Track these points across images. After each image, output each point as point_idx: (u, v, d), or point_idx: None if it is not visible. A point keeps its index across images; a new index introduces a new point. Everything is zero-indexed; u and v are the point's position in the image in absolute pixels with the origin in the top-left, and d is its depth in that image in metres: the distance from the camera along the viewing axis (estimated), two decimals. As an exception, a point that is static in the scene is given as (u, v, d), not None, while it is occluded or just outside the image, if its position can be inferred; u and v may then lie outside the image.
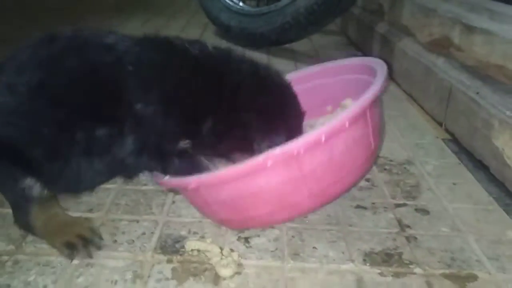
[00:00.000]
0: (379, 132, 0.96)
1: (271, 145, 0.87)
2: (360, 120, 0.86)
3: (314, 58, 2.22)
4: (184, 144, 0.88)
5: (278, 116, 0.91)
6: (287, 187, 0.82)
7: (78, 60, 0.86)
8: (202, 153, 0.92)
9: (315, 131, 0.80)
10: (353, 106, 0.84)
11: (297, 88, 0.99)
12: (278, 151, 0.78)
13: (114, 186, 1.07)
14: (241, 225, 0.91)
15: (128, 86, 0.84)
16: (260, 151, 0.87)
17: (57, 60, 0.86)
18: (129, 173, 0.98)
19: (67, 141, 0.85)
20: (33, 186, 0.85)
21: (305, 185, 0.82)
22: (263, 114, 0.89)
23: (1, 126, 0.84)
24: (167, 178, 0.89)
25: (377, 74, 0.95)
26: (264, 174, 0.80)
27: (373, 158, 0.97)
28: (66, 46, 0.88)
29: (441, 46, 1.54)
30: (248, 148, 0.89)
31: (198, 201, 0.91)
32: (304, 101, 0.99)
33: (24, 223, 0.88)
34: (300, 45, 2.32)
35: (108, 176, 0.97)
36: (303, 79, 1.17)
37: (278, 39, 2.15)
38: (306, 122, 1.09)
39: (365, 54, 2.32)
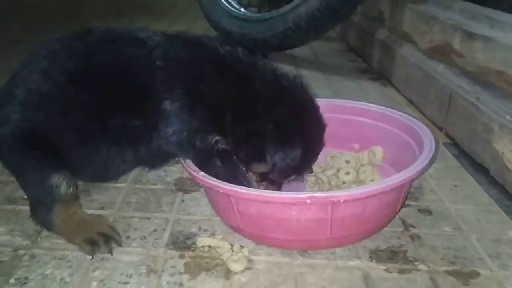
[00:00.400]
0: (406, 196, 0.99)
1: (285, 158, 0.90)
2: (398, 189, 0.89)
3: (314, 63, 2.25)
4: (215, 140, 0.90)
5: (295, 129, 0.92)
6: (312, 224, 0.84)
7: (112, 52, 0.90)
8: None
9: (362, 188, 0.85)
10: (399, 178, 0.86)
11: (332, 116, 1.03)
12: (322, 196, 0.80)
13: (124, 185, 1.10)
14: (254, 238, 0.92)
15: (156, 81, 0.88)
16: (272, 162, 0.90)
17: (92, 50, 0.90)
18: (155, 164, 1.01)
19: (99, 128, 0.88)
20: (61, 184, 0.87)
21: (329, 228, 0.84)
22: (279, 126, 0.90)
23: (34, 111, 0.87)
24: (202, 174, 0.88)
25: (422, 145, 0.97)
26: (298, 207, 0.83)
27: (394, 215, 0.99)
28: (101, 39, 0.92)
29: (442, 53, 1.58)
30: (263, 158, 0.91)
31: (221, 204, 0.91)
32: (335, 130, 1.03)
33: (44, 219, 0.90)
34: (300, 51, 2.36)
35: (134, 165, 1.00)
36: (342, 110, 1.17)
37: (280, 44, 2.18)
38: (328, 150, 1.13)
39: (365, 60, 2.36)
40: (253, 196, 0.83)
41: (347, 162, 1.13)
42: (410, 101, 1.75)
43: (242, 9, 2.37)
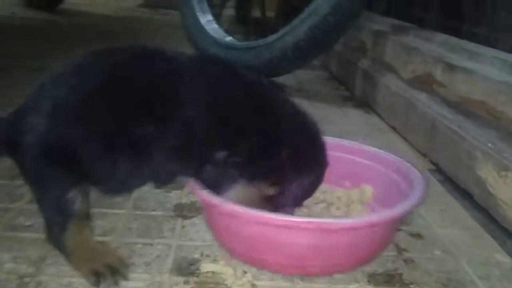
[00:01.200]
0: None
1: (300, 185, 0.97)
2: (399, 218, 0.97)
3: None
4: (221, 154, 0.93)
5: (310, 160, 0.99)
6: (309, 250, 0.88)
7: (140, 68, 0.93)
8: (239, 172, 0.96)
9: (377, 215, 0.93)
10: (402, 208, 0.92)
11: (331, 154, 1.07)
12: (348, 223, 0.87)
13: (124, 211, 1.11)
14: (251, 261, 0.94)
15: (181, 94, 0.91)
16: (289, 189, 0.96)
17: (121, 66, 0.93)
18: (165, 181, 1.04)
19: (121, 141, 0.90)
20: (76, 200, 0.88)
21: (330, 256, 0.89)
22: (299, 155, 0.96)
23: (59, 123, 0.89)
24: (220, 197, 0.91)
25: (413, 182, 1.02)
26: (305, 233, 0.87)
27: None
28: (130, 56, 0.96)
29: (424, 83, 1.66)
30: (279, 183, 0.96)
31: (233, 228, 0.93)
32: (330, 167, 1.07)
33: (57, 240, 0.90)
34: (285, 79, 2.42)
35: (148, 180, 1.01)
36: (340, 148, 1.21)
37: (266, 72, 2.23)
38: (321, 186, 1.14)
39: (348, 88, 2.43)
40: (287, 222, 0.86)
41: (339, 198, 1.17)
42: (393, 128, 1.82)
43: (228, 37, 2.43)
